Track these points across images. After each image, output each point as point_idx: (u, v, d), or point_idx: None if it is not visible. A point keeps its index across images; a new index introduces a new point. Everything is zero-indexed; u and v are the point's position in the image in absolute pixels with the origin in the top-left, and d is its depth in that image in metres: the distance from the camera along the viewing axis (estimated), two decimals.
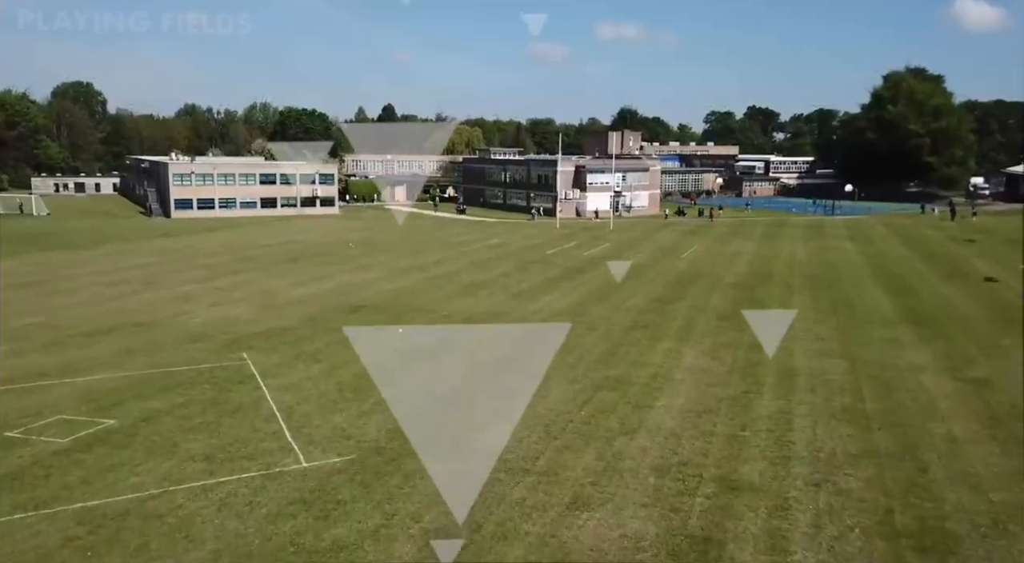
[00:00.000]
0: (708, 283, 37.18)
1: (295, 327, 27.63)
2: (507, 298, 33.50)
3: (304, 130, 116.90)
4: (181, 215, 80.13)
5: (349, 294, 34.25)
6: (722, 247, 52.44)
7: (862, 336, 25.91)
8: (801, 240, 56.53)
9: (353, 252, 49.99)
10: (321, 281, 37.79)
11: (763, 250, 50.66)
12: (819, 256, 47.13)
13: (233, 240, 57.51)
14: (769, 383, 20.40)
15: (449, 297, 33.51)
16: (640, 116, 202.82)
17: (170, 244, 54.57)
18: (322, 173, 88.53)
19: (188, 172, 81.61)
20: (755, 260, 45.45)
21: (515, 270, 41.97)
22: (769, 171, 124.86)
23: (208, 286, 36.45)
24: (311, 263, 44.76)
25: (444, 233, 63.52)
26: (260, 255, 48.30)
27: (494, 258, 46.97)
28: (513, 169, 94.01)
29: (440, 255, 48.30)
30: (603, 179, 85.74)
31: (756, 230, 64.49)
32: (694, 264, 43.91)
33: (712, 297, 33.23)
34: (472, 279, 38.53)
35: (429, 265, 43.89)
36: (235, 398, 19.34)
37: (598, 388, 20.07)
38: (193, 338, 25.83)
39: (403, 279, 38.71)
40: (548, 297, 33.63)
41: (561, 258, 46.82)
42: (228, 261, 45.58)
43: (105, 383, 20.48)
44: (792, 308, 31.05)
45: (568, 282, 37.60)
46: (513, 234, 62.94)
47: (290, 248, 51.75)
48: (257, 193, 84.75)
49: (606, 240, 57.66)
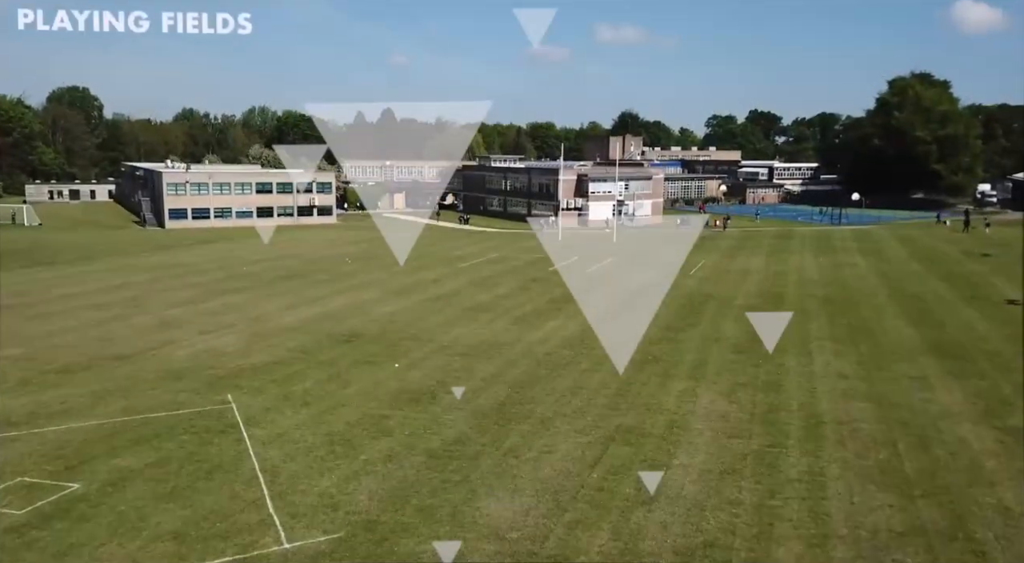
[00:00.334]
0: (719, 306, 35.62)
1: (285, 360, 26.06)
2: (509, 323, 31.93)
3: (302, 136, 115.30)
4: (175, 225, 78.63)
5: (344, 319, 32.68)
6: (730, 262, 50.89)
7: (887, 372, 24.34)
8: (811, 254, 54.95)
9: (350, 268, 48.45)
10: (315, 304, 36.22)
11: (772, 266, 49.10)
12: (831, 273, 45.56)
13: (227, 254, 55.95)
14: (795, 434, 18.83)
15: (448, 323, 31.94)
16: (641, 120, 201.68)
17: (161, 259, 52.99)
18: (319, 182, 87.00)
19: (183, 182, 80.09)
20: (765, 278, 43.88)
21: (517, 290, 40.41)
22: (773, 177, 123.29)
23: (197, 309, 34.87)
24: (306, 281, 43.20)
25: (444, 246, 61.95)
26: (254, 272, 46.73)
27: (495, 275, 45.40)
28: (514, 177, 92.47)
29: (439, 272, 46.74)
30: (605, 188, 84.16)
31: (763, 242, 62.94)
32: (703, 283, 42.33)
33: (724, 324, 31.65)
34: (472, 300, 36.96)
35: (428, 283, 42.33)
36: (215, 453, 17.76)
37: (610, 440, 18.49)
38: (176, 375, 24.25)
39: (401, 300, 37.14)
40: (552, 322, 32.06)
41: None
42: (220, 279, 44.01)
43: (76, 434, 18.90)
44: (809, 334, 29.55)
45: (572, 305, 35.97)
46: (514, 246, 61.38)
47: (285, 264, 50.18)
48: (253, 203, 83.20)
49: (610, 254, 56.06)
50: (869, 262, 50.39)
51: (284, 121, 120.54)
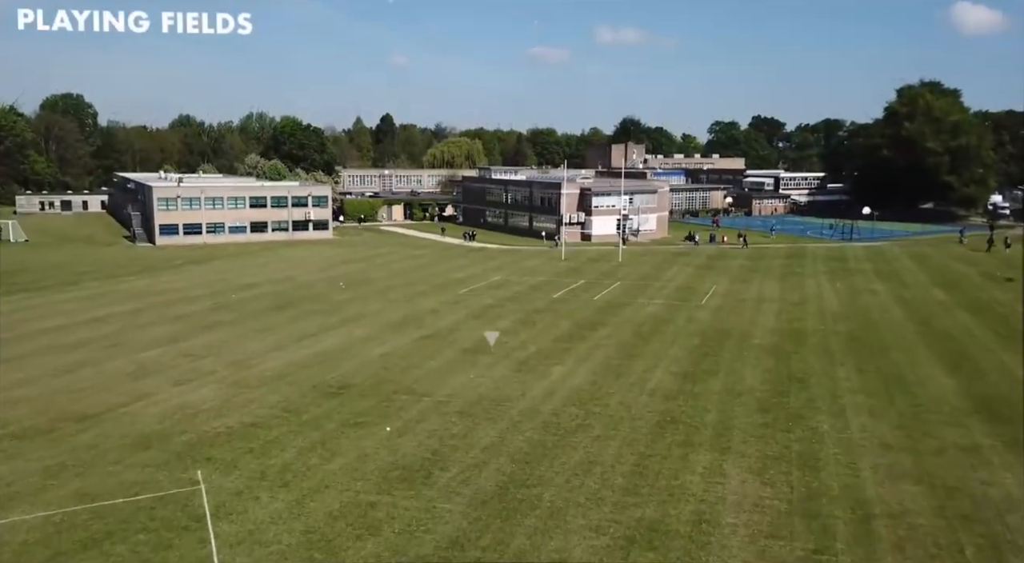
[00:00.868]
0: (737, 345, 33.18)
1: (265, 421, 23.63)
2: (512, 369, 29.50)
3: (299, 146, 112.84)
4: (166, 241, 76.27)
5: (333, 364, 30.26)
6: (743, 288, 48.47)
7: (933, 440, 21.89)
8: (826, 277, 52.53)
9: (344, 295, 46.03)
10: (303, 343, 33.79)
11: (788, 293, 46.68)
12: (851, 303, 43.14)
13: (217, 277, 53.53)
14: (843, 533, 16.39)
15: (446, 369, 29.51)
16: (643, 126, 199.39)
17: (148, 284, 50.55)
18: (315, 195, 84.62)
19: (174, 196, 77.67)
20: (783, 309, 41.44)
21: (519, 324, 37.98)
22: (779, 187, 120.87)
23: (177, 351, 32.44)
24: (296, 313, 40.79)
25: (444, 266, 59.54)
26: (242, 300, 44.33)
27: (496, 305, 42.97)
28: (515, 190, 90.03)
29: (438, 300, 44.32)
30: (609, 202, 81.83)
31: (775, 263, 60.51)
32: (717, 315, 39.91)
33: (745, 371, 29.21)
34: (472, 338, 34.49)
35: (425, 315, 39.92)
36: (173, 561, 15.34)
37: (631, 543, 16.05)
38: (143, 442, 21.83)
39: (396, 338, 34.72)
40: (559, 368, 29.62)
41: (569, 305, 42.84)
42: (206, 310, 41.60)
43: (16, 533, 16.48)
44: (839, 385, 27.15)
45: (580, 343, 33.59)
46: (516, 267, 58.96)
47: (276, 290, 47.76)
48: (247, 217, 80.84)
49: (615, 277, 53.68)
50: (888, 288, 47.95)
51: (281, 130, 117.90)
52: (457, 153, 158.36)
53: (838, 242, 76.29)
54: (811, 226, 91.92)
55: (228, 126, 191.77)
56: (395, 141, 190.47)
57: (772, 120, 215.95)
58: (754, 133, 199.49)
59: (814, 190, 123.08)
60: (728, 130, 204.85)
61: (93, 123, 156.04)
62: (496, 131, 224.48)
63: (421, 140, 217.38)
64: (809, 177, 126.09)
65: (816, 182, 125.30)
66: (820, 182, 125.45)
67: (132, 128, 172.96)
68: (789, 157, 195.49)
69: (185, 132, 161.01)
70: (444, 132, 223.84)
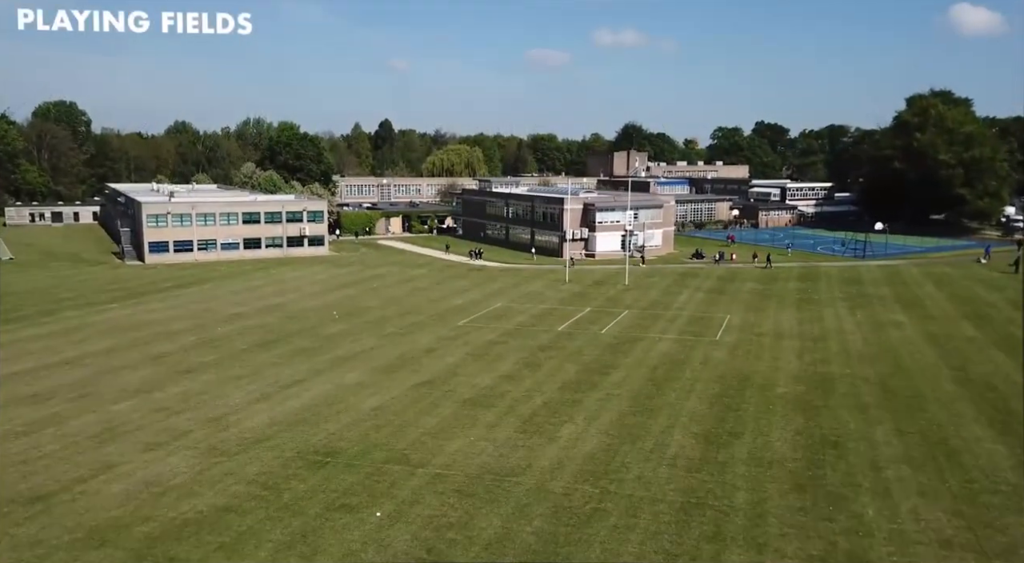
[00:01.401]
0: (760, 396, 30.54)
1: (241, 502, 20.99)
2: (516, 429, 26.84)
3: (295, 156, 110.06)
4: (156, 259, 73.62)
5: (320, 421, 27.61)
6: (758, 319, 45.83)
7: (1000, 536, 19.22)
8: (845, 305, 49.89)
9: (335, 327, 43.40)
10: (289, 392, 31.14)
11: (807, 325, 44.04)
12: (876, 339, 40.48)
13: (204, 304, 50.85)
14: None
15: (443, 430, 26.84)
16: (645, 132, 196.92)
17: (129, 314, 47.84)
18: (310, 210, 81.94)
19: (164, 213, 74.93)
20: (804, 347, 38.77)
21: (523, 366, 35.32)
22: (785, 198, 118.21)
23: (150, 403, 29.77)
24: (284, 351, 38.14)
25: (444, 290, 56.88)
26: (227, 336, 41.67)
27: (498, 342, 40.29)
28: (516, 204, 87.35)
29: (435, 335, 41.67)
30: (613, 217, 79.19)
31: (789, 287, 57.86)
32: (734, 355, 37.25)
33: (772, 431, 26.55)
34: (472, 386, 31.87)
35: (421, 356, 37.23)
36: None
37: None
38: (96, 535, 19.19)
39: (389, 385, 32.08)
40: (568, 427, 26.96)
41: (576, 341, 40.20)
42: (188, 347, 38.95)
43: None
44: (879, 452, 24.50)
45: (590, 393, 30.95)
46: (519, 291, 56.32)
47: (264, 323, 45.09)
48: (239, 234, 78.18)
49: (623, 304, 51.05)
50: (913, 321, 45.29)
51: (276, 140, 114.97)
52: (457, 161, 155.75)
53: (851, 260, 73.63)
54: (822, 241, 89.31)
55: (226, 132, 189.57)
56: (394, 148, 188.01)
57: (776, 126, 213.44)
58: (758, 140, 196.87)
59: (821, 200, 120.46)
60: (731, 136, 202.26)
61: (86, 130, 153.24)
62: (496, 137, 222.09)
63: (420, 146, 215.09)
64: (816, 187, 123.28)
65: (823, 192, 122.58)
66: (827, 192, 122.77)
67: (127, 135, 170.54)
68: (793, 164, 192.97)
69: (180, 140, 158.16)
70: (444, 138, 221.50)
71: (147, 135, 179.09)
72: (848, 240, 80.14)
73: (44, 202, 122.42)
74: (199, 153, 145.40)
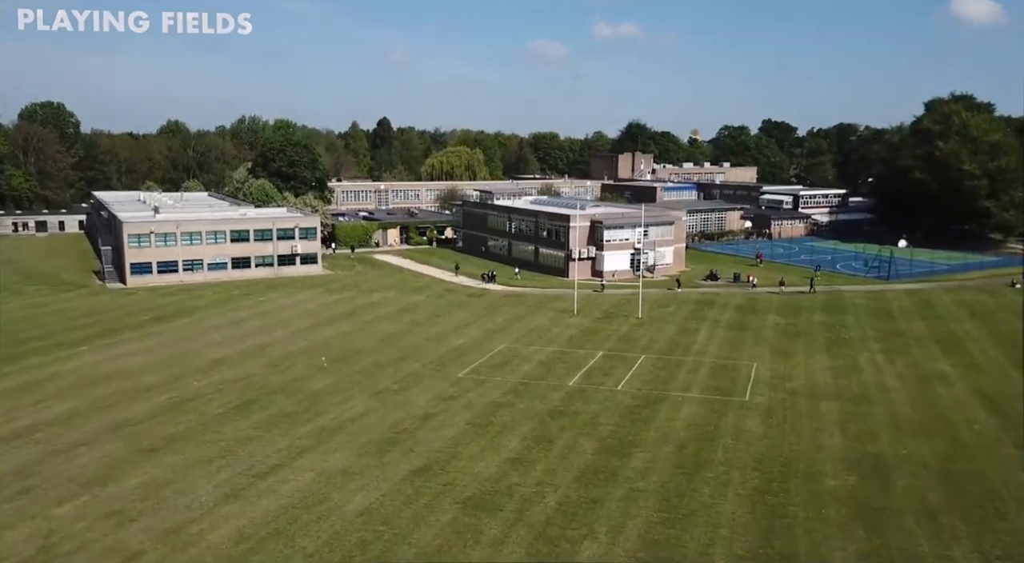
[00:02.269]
0: (806, 492, 26.47)
1: None
2: (526, 546, 22.80)
3: (288, 163, 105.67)
4: (138, 282, 69.42)
5: (296, 534, 23.56)
6: (788, 368, 41.76)
7: None
8: (880, 349, 45.78)
9: (323, 381, 39.29)
10: (264, 486, 27.04)
11: (842, 378, 39.95)
12: (924, 401, 36.39)
13: (180, 349, 46.62)
14: None
15: (442, 547, 22.75)
16: (649, 130, 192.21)
17: (97, 364, 43.48)
18: (302, 227, 77.59)
19: (147, 232, 70.61)
20: (845, 413, 34.64)
21: (533, 442, 31.22)
22: (798, 206, 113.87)
23: (100, 505, 25.66)
24: (263, 418, 34.06)
25: (440, 325, 52.67)
26: (203, 393, 37.57)
27: (502, 404, 36.12)
28: (519, 219, 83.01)
29: (432, 393, 37.55)
30: (622, 235, 74.97)
31: (815, 320, 53.67)
32: (769, 425, 33.12)
33: (831, 555, 22.41)
34: (475, 478, 27.77)
35: (417, 429, 33.05)
36: None
37: None
38: None
39: (378, 476, 28.01)
40: (590, 545, 22.90)
41: (590, 402, 36.07)
42: (156, 411, 34.84)
43: None
44: None
45: (612, 488, 26.85)
46: (523, 327, 52.09)
47: (245, 375, 40.90)
48: (227, 253, 73.92)
49: (638, 345, 46.94)
50: (959, 371, 41.25)
51: (269, 147, 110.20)
52: (457, 163, 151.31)
53: (876, 282, 69.41)
54: (841, 256, 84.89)
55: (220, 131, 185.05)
56: (392, 150, 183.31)
57: (783, 124, 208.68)
58: (765, 139, 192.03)
59: (835, 208, 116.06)
60: (738, 136, 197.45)
61: (75, 132, 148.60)
62: (497, 135, 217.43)
63: (419, 145, 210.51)
64: (830, 194, 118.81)
65: (837, 199, 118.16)
66: (841, 199, 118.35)
67: (118, 135, 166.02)
68: (801, 164, 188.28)
69: (172, 143, 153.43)
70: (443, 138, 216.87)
71: (138, 135, 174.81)
72: (872, 259, 75.89)
73: (31, 208, 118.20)
74: (190, 158, 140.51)
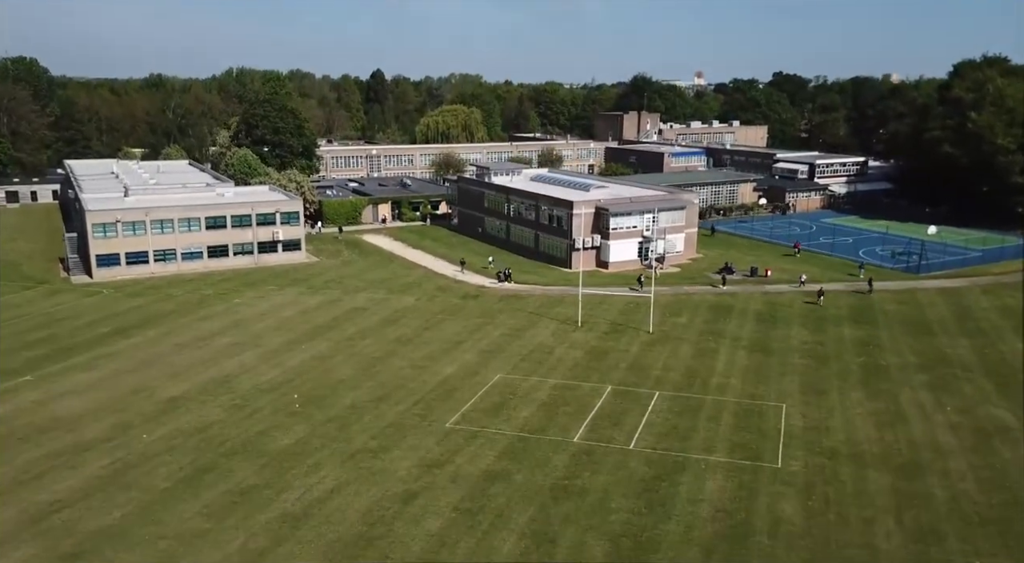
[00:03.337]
0: None
1: None
2: None
3: (273, 130, 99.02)
4: (105, 275, 64.07)
5: None
6: (822, 412, 36.66)
7: None
8: (925, 383, 40.58)
9: (288, 437, 34.18)
10: None
11: (889, 435, 34.81)
12: (985, 466, 31.36)
13: (137, 380, 41.43)
14: None
15: None
16: (655, 84, 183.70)
17: (31, 409, 38.25)
18: (284, 211, 71.59)
19: (113, 221, 64.73)
20: (900, 494, 29.54)
21: (532, 539, 26.25)
22: (814, 175, 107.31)
23: None
24: (214, 495, 29.06)
25: (430, 344, 47.35)
26: (151, 454, 32.47)
27: (497, 476, 31.00)
28: (518, 201, 76.83)
29: (415, 459, 32.47)
30: (630, 223, 69.09)
31: (845, 336, 48.33)
32: (809, 510, 28.10)
33: None
34: None
35: (396, 515, 28.07)
36: None
37: None
38: None
39: None
40: None
41: (599, 473, 30.99)
42: (89, 488, 29.76)
43: None
44: None
45: None
46: (521, 345, 46.78)
47: (204, 421, 35.76)
48: (203, 241, 68.31)
49: (650, 376, 41.76)
50: (1019, 417, 36.08)
51: (252, 113, 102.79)
52: (453, 124, 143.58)
53: (905, 277, 63.83)
54: (864, 240, 78.96)
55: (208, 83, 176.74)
56: (385, 108, 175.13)
57: (795, 77, 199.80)
58: (776, 93, 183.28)
59: (853, 177, 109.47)
60: (748, 90, 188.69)
61: (49, 88, 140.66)
62: (496, 87, 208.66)
63: (415, 97, 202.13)
64: (848, 162, 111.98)
65: (856, 167, 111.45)
66: (859, 168, 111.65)
67: (97, 90, 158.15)
68: (813, 120, 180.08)
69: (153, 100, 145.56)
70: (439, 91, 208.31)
71: (120, 89, 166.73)
72: (905, 244, 69.94)
73: (3, 172, 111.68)
74: (170, 122, 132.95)
